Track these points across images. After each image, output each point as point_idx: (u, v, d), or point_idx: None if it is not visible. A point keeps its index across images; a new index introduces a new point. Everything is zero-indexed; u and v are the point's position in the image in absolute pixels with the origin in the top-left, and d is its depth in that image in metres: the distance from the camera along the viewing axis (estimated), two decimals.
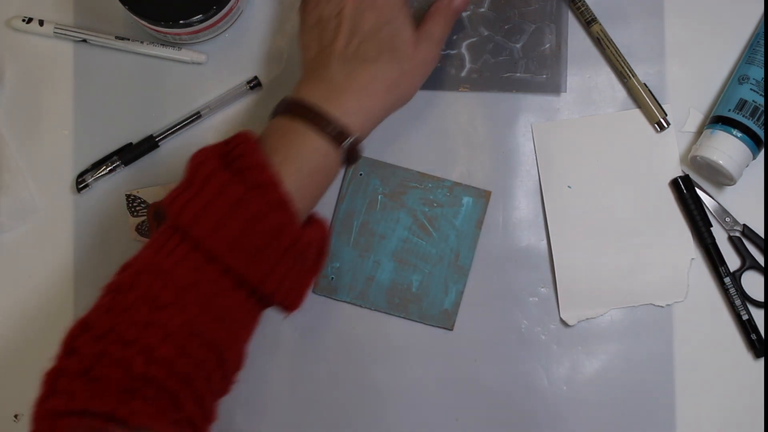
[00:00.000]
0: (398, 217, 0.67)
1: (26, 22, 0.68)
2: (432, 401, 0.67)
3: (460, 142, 0.68)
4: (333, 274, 0.67)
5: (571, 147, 0.69)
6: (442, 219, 0.67)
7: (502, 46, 0.67)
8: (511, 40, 0.68)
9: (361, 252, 0.67)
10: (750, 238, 0.68)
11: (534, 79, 0.68)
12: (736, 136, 0.64)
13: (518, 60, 0.68)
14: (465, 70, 0.68)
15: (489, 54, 0.67)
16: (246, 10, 0.69)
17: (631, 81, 0.68)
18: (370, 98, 0.58)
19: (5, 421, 0.66)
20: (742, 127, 0.64)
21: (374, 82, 0.58)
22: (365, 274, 0.67)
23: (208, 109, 0.68)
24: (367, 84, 0.58)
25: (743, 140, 0.64)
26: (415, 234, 0.67)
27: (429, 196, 0.67)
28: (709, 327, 0.67)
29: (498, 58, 0.68)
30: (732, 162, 0.64)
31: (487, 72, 0.67)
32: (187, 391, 0.49)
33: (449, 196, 0.67)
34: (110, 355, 0.49)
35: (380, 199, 0.67)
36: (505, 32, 0.68)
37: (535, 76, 0.68)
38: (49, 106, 0.69)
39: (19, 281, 0.67)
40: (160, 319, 0.49)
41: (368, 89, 0.57)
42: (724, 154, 0.64)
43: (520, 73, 0.68)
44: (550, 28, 0.68)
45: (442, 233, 0.67)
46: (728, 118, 0.65)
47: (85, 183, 0.67)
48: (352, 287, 0.67)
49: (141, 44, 0.68)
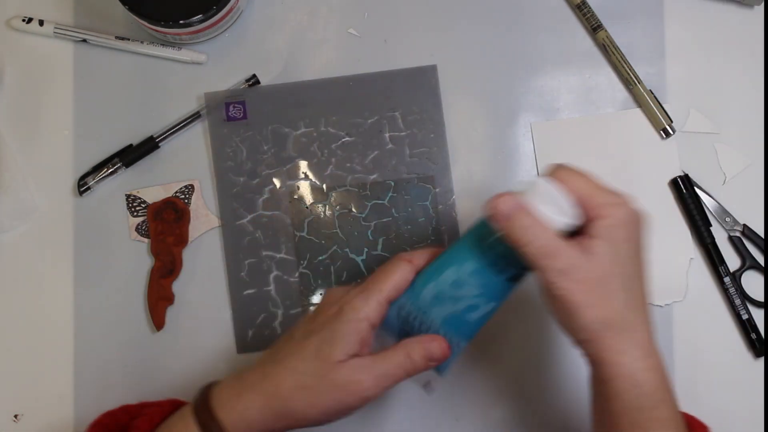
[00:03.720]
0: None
1: (26, 22, 0.68)
2: (432, 401, 0.67)
3: (460, 142, 0.69)
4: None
5: (571, 146, 0.69)
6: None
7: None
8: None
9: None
10: (750, 238, 0.68)
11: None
12: None
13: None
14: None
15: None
16: (246, 10, 0.69)
17: (636, 87, 0.68)
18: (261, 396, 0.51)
19: (5, 421, 0.66)
20: None
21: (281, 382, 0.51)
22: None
23: (207, 110, 0.68)
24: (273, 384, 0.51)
25: None
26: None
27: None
28: (709, 327, 0.67)
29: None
30: None
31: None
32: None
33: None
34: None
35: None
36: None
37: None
38: (49, 106, 0.69)
39: (19, 281, 0.67)
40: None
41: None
42: None
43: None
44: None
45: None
46: None
47: (87, 186, 0.67)
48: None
49: (141, 44, 0.68)
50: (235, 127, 0.68)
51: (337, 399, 0.50)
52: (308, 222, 0.68)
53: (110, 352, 0.67)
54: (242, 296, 0.67)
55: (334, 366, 0.50)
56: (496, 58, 0.69)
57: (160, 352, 0.67)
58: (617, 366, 0.48)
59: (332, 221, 0.68)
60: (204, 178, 0.68)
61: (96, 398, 0.66)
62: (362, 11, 0.70)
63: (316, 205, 0.68)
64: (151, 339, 0.67)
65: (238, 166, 0.68)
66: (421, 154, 0.68)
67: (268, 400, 0.51)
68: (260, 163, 0.68)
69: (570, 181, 0.50)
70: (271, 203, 0.68)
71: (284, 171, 0.68)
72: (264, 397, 0.51)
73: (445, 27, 0.70)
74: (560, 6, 0.70)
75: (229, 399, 0.51)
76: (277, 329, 0.67)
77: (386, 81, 0.69)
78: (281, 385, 0.51)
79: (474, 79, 0.69)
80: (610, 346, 0.49)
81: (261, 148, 0.68)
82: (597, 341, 0.49)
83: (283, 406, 0.51)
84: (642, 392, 0.49)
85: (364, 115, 0.69)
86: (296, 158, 0.68)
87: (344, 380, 0.50)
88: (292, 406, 0.51)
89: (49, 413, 0.66)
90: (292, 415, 0.51)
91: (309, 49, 0.70)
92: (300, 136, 0.69)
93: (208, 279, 0.67)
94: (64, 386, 0.66)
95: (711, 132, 0.69)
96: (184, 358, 0.67)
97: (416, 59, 0.69)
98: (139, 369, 0.67)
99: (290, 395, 0.50)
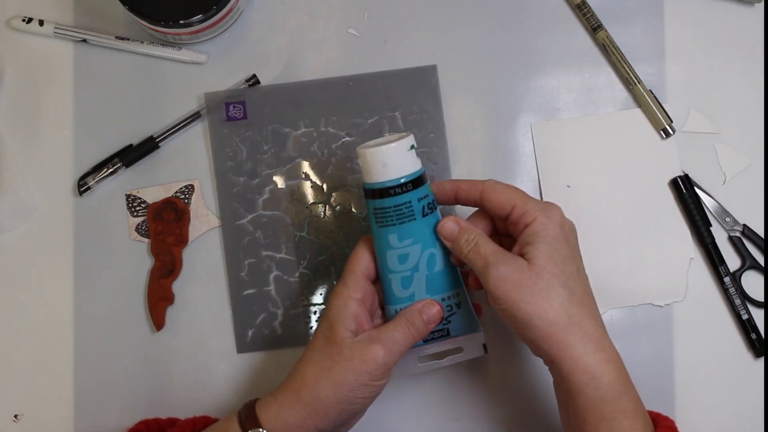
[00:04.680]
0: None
1: (26, 22, 0.68)
2: (432, 400, 0.67)
3: (460, 142, 0.69)
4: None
5: (571, 146, 0.69)
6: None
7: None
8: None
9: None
10: (750, 238, 0.68)
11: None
12: None
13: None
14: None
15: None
16: (246, 10, 0.69)
17: (636, 88, 0.68)
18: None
19: (5, 421, 0.66)
20: None
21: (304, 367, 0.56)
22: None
23: (207, 110, 0.68)
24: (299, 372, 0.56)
25: None
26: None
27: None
28: (708, 327, 0.67)
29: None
30: None
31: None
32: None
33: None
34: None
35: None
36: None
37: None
38: (49, 106, 0.69)
39: (19, 281, 0.67)
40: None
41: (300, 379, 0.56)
42: None
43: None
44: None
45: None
46: None
47: (87, 186, 0.67)
48: None
49: (141, 44, 0.68)
50: (235, 127, 0.68)
51: (357, 371, 0.54)
52: (308, 222, 0.68)
53: (110, 352, 0.67)
54: (242, 296, 0.67)
55: (343, 343, 0.55)
56: (496, 58, 0.69)
57: (160, 352, 0.67)
58: (571, 361, 0.52)
59: (332, 221, 0.68)
60: (204, 178, 0.68)
61: (96, 398, 0.66)
62: (362, 11, 0.70)
63: (316, 205, 0.68)
64: (151, 339, 0.67)
65: (238, 166, 0.68)
66: (421, 154, 0.68)
67: (298, 393, 0.55)
68: (260, 163, 0.68)
69: (501, 192, 0.56)
70: (271, 203, 0.68)
71: (284, 171, 0.68)
72: (294, 392, 0.55)
73: (445, 27, 0.70)
74: (560, 6, 0.70)
75: (268, 404, 0.56)
76: (277, 329, 0.67)
77: (386, 81, 0.69)
78: (306, 375, 0.55)
79: (474, 79, 0.69)
80: (559, 341, 0.52)
81: (261, 148, 0.68)
82: (546, 339, 0.52)
83: (311, 394, 0.54)
84: (601, 384, 0.52)
85: (364, 115, 0.69)
86: (296, 158, 0.68)
87: (357, 351, 0.54)
88: (319, 392, 0.54)
89: (49, 413, 0.66)
90: (323, 404, 0.54)
91: (309, 49, 0.70)
92: (300, 136, 0.69)
93: (208, 279, 0.67)
94: (64, 386, 0.66)
95: (711, 132, 0.69)
96: (184, 358, 0.67)
97: (416, 59, 0.69)
98: (139, 369, 0.67)
99: (315, 381, 0.54)
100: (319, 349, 0.56)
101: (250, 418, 0.55)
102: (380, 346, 0.54)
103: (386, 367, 0.55)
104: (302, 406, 0.54)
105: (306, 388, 0.55)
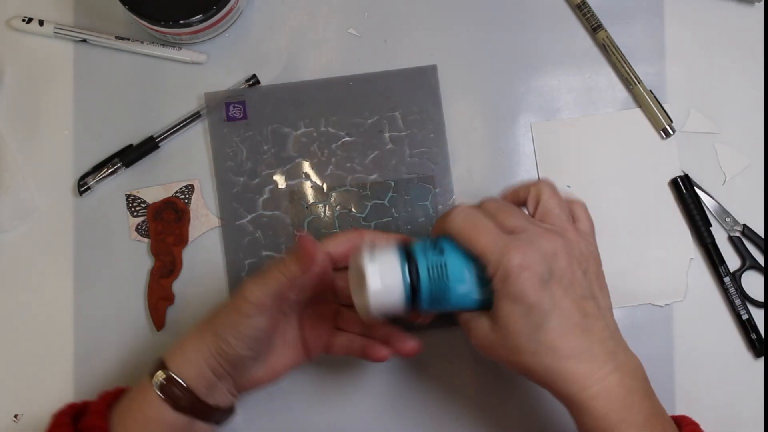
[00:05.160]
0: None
1: (26, 22, 0.68)
2: (432, 401, 0.67)
3: (460, 142, 0.69)
4: None
5: (571, 146, 0.69)
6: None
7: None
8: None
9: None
10: (750, 238, 0.68)
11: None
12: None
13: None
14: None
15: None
16: (246, 10, 0.69)
17: (636, 88, 0.68)
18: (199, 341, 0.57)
19: (5, 421, 0.66)
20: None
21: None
22: None
23: (207, 110, 0.68)
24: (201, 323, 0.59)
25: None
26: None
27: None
28: (708, 327, 0.67)
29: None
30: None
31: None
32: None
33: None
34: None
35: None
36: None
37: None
38: (49, 106, 0.69)
39: (19, 281, 0.67)
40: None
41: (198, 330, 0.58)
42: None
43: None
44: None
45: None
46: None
47: (87, 186, 0.67)
48: None
49: (141, 44, 0.68)
50: (235, 127, 0.68)
51: (228, 306, 0.56)
52: (308, 222, 0.68)
53: (110, 352, 0.67)
54: None
55: (242, 293, 0.56)
56: (496, 58, 0.69)
57: (160, 352, 0.67)
58: (564, 399, 0.52)
59: (332, 221, 0.68)
60: (204, 178, 0.68)
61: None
62: (362, 11, 0.70)
63: (316, 205, 0.68)
64: (151, 339, 0.67)
65: (238, 166, 0.68)
66: (421, 154, 0.68)
67: (200, 332, 0.57)
68: (260, 163, 0.68)
69: (471, 235, 0.51)
70: (271, 203, 0.68)
71: (284, 171, 0.68)
72: (199, 331, 0.57)
73: (445, 27, 0.70)
74: (560, 6, 0.70)
75: (173, 349, 0.58)
76: None
77: (386, 81, 0.69)
78: (211, 319, 0.57)
79: (474, 79, 0.69)
80: (546, 385, 0.52)
81: (261, 148, 0.68)
82: (542, 384, 0.52)
83: (208, 330, 0.56)
84: (597, 415, 0.50)
85: (364, 115, 0.69)
86: (296, 158, 0.68)
87: (239, 291, 0.56)
88: (211, 328, 0.56)
89: (49, 413, 0.66)
90: (211, 339, 0.56)
91: (309, 49, 0.70)
92: (300, 136, 0.69)
93: (208, 279, 0.67)
94: (64, 386, 0.66)
95: (711, 132, 0.69)
96: None
97: (416, 59, 0.69)
98: (139, 369, 0.67)
99: (210, 318, 0.57)
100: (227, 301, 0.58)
101: (156, 365, 0.57)
102: (254, 286, 0.55)
103: (254, 305, 0.55)
104: (201, 341, 0.57)
105: (206, 324, 0.57)
